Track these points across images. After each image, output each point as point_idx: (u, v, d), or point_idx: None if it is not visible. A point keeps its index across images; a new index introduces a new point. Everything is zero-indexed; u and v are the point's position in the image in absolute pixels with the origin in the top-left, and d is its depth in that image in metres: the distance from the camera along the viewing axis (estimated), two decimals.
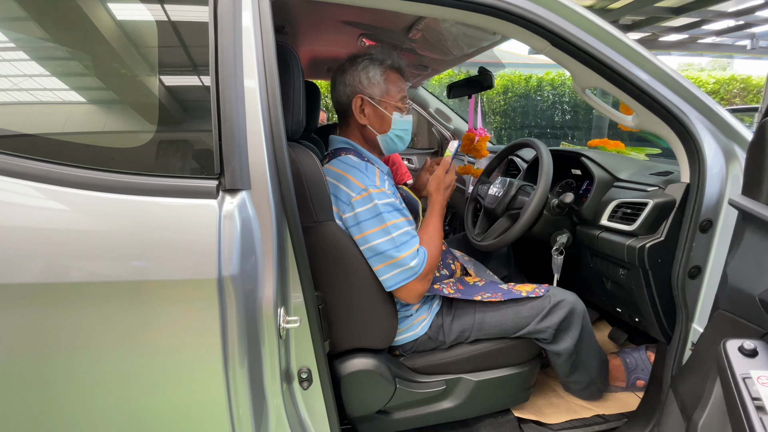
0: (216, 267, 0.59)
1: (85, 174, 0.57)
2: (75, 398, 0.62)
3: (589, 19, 0.82)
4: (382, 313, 0.96)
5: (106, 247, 0.57)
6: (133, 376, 0.62)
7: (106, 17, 0.68)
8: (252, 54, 0.68)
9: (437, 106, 2.23)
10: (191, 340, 0.61)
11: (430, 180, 1.09)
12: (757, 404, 0.55)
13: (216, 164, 0.62)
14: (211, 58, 0.64)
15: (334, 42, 1.50)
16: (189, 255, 0.59)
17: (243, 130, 0.65)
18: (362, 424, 1.04)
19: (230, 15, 0.66)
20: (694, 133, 0.86)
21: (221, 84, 0.63)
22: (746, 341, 0.62)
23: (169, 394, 0.64)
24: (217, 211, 0.61)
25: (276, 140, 0.70)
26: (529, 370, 1.09)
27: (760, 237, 0.67)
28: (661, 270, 0.95)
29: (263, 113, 0.68)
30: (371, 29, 1.32)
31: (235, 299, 0.62)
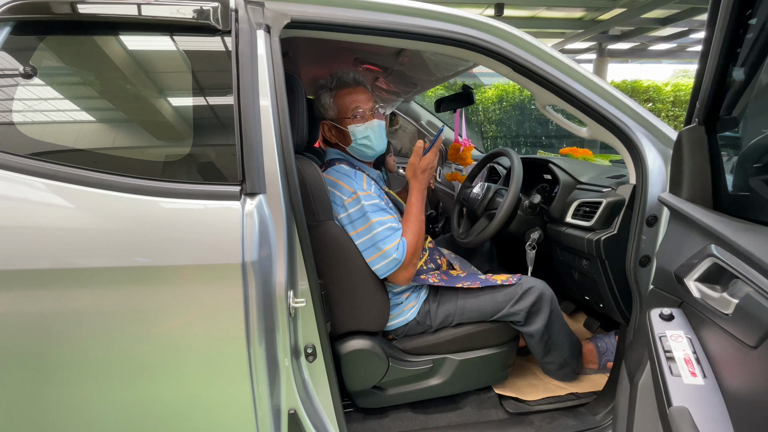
0: (240, 254, 0.75)
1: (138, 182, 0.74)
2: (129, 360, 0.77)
3: (543, 50, 0.99)
4: (376, 300, 1.12)
5: (155, 240, 0.73)
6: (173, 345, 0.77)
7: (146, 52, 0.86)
8: (265, 79, 0.85)
9: (428, 118, 2.41)
10: (220, 315, 0.77)
11: (406, 169, 1.16)
12: (668, 356, 0.70)
13: (239, 173, 0.78)
14: (234, 82, 0.80)
15: (332, 64, 1.67)
16: (219, 245, 0.75)
17: (260, 143, 0.81)
18: (360, 399, 1.19)
19: (248, 45, 0.82)
20: (636, 142, 1.02)
21: (242, 104, 0.79)
22: (665, 309, 0.78)
23: (201, 361, 0.79)
24: (241, 210, 0.77)
25: (286, 152, 0.86)
26: (507, 351, 1.23)
27: (679, 226, 0.82)
28: (615, 260, 1.10)
29: (275, 129, 0.85)
30: (364, 54, 1.49)
31: (254, 280, 0.77)
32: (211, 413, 0.85)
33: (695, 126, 0.78)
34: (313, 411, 0.96)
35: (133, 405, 0.80)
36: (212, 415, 0.85)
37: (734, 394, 0.57)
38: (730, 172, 0.79)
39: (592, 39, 8.52)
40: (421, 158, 1.12)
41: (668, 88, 9.86)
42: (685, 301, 0.74)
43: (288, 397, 0.91)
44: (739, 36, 0.68)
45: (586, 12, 7.25)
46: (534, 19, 7.29)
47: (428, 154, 1.13)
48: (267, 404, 0.84)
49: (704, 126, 0.77)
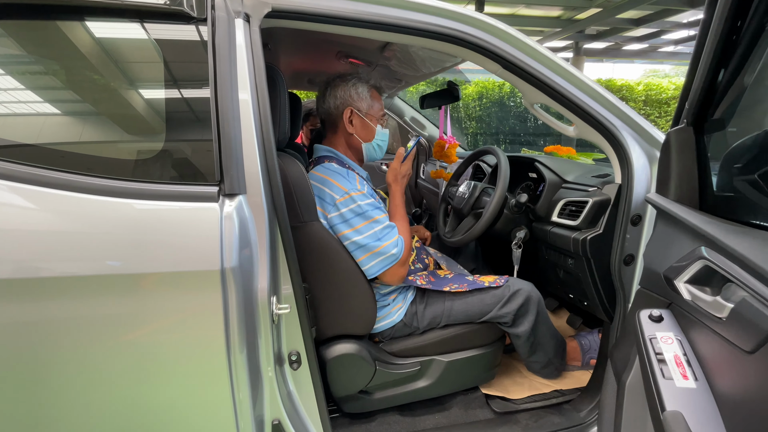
0: (219, 260, 0.70)
1: (105, 183, 0.67)
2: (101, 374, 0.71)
3: (533, 47, 0.97)
4: (362, 303, 1.08)
5: (125, 244, 0.67)
6: (145, 358, 0.72)
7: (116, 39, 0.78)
8: (245, 70, 0.79)
9: (412, 115, 2.38)
10: (199, 323, 0.72)
11: (387, 172, 1.20)
12: (659, 358, 0.70)
13: (217, 172, 0.73)
14: (210, 74, 0.73)
15: (314, 57, 1.61)
16: (196, 250, 0.69)
17: (239, 140, 0.76)
18: (346, 404, 1.15)
19: (225, 34, 0.76)
20: (622, 142, 1.02)
21: (219, 98, 0.73)
22: (654, 310, 0.78)
23: (178, 371, 0.74)
24: (219, 212, 0.71)
25: (267, 150, 0.81)
26: (494, 351, 1.23)
27: (667, 226, 0.82)
28: (601, 258, 1.10)
29: (255, 125, 0.79)
30: (348, 47, 1.44)
31: (235, 287, 0.73)
32: (190, 427, 0.80)
33: (684, 127, 0.78)
34: (299, 420, 0.93)
35: (107, 421, 0.74)
36: (192, 429, 0.80)
37: (728, 398, 0.57)
38: (715, 173, 0.79)
39: (570, 38, 8.70)
40: (402, 165, 1.18)
41: (640, 88, 10.22)
42: (674, 302, 0.75)
43: (272, 407, 0.87)
44: (731, 41, 0.68)
45: (563, 11, 7.38)
46: (513, 17, 7.36)
47: (406, 161, 1.19)
48: (249, 416, 0.80)
49: (692, 127, 0.77)
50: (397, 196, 1.18)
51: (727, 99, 0.74)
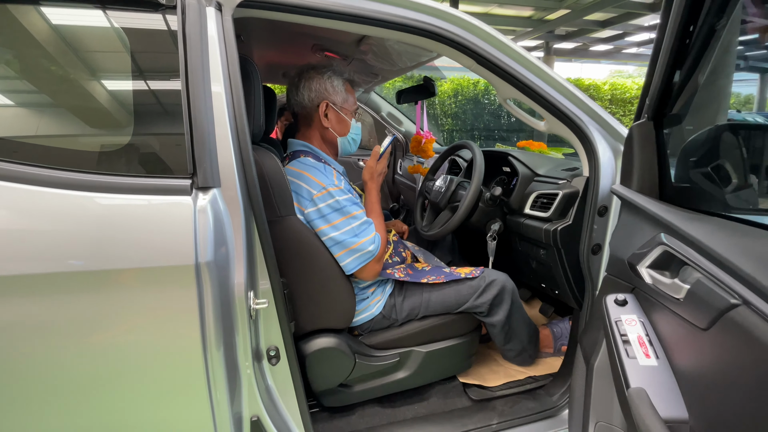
0: (193, 255, 0.68)
1: (71, 176, 0.64)
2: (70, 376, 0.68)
3: (506, 44, 0.99)
4: (341, 297, 1.08)
5: (92, 241, 0.64)
6: (118, 357, 0.69)
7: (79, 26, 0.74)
8: (217, 61, 0.77)
9: (389, 110, 2.38)
10: (174, 320, 0.70)
11: (363, 170, 1.21)
12: (624, 339, 0.74)
13: (189, 164, 0.71)
14: (181, 64, 0.71)
15: (288, 49, 1.59)
16: (169, 245, 0.67)
17: (212, 132, 0.74)
18: (326, 398, 1.15)
19: (196, 24, 0.74)
20: (589, 136, 1.06)
21: (191, 89, 0.71)
22: (619, 294, 0.82)
23: (153, 369, 0.72)
24: (192, 206, 0.70)
25: (242, 142, 0.79)
26: (470, 341, 1.26)
27: (630, 216, 0.87)
28: (570, 248, 1.15)
29: (229, 117, 0.78)
30: (324, 40, 1.43)
31: (210, 283, 0.71)
32: (166, 426, 0.78)
33: (645, 121, 0.82)
34: (278, 416, 0.92)
35: (81, 425, 0.71)
36: (168, 428, 0.78)
37: (686, 374, 0.61)
38: (673, 166, 0.85)
39: (541, 38, 8.95)
40: (378, 163, 1.20)
41: (606, 87, 10.67)
42: (637, 287, 0.79)
43: (250, 403, 0.86)
44: (685, 44, 0.72)
45: (534, 11, 7.58)
46: (487, 16, 7.49)
47: (382, 159, 1.21)
48: (227, 413, 0.79)
49: (653, 122, 0.82)
50: (372, 193, 1.19)
51: (683, 96, 0.78)
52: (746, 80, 2.24)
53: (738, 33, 0.80)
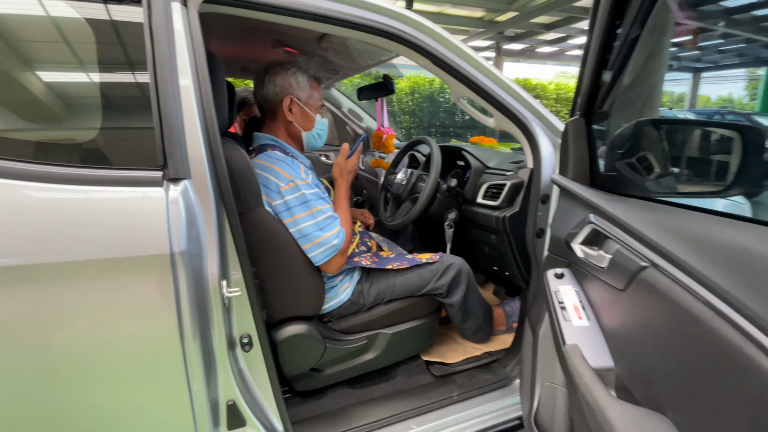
0: (167, 244, 0.70)
1: (41, 169, 0.63)
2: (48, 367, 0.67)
3: (458, 47, 1.08)
4: (310, 285, 1.13)
5: (63, 232, 0.64)
6: (99, 344, 0.69)
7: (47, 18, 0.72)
8: (184, 55, 0.78)
9: (350, 106, 2.43)
10: (150, 309, 0.71)
11: (333, 167, 1.25)
12: (561, 306, 0.86)
13: (160, 156, 0.72)
14: (149, 58, 0.72)
15: (248, 44, 1.58)
16: (143, 235, 0.69)
17: (181, 125, 0.75)
18: (298, 383, 1.20)
19: (162, 18, 0.75)
20: (532, 131, 1.19)
21: (159, 83, 0.72)
22: (558, 269, 0.94)
23: (133, 356, 0.73)
24: (164, 197, 0.71)
25: (211, 135, 0.81)
26: (431, 321, 1.35)
27: (566, 201, 1.00)
28: (518, 233, 1.28)
29: (198, 110, 0.79)
30: (284, 36, 1.45)
31: (185, 272, 0.73)
32: (145, 414, 0.79)
33: (577, 118, 0.95)
34: (252, 400, 0.95)
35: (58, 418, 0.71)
36: (147, 416, 0.79)
37: (610, 329, 0.74)
38: (601, 157, 0.98)
39: (492, 38, 9.34)
40: (347, 160, 1.23)
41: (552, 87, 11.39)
42: (572, 261, 0.92)
43: (226, 388, 0.89)
44: (610, 45, 0.84)
45: (485, 12, 7.90)
46: (441, 15, 7.70)
47: (352, 157, 1.25)
48: (204, 399, 0.81)
49: (584, 118, 0.94)
50: (341, 189, 1.23)
51: (610, 95, 0.91)
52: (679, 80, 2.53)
53: (668, 36, 0.94)
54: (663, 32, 1.93)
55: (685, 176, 0.94)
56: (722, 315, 0.45)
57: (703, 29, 1.86)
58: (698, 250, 0.52)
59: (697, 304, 0.49)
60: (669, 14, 0.93)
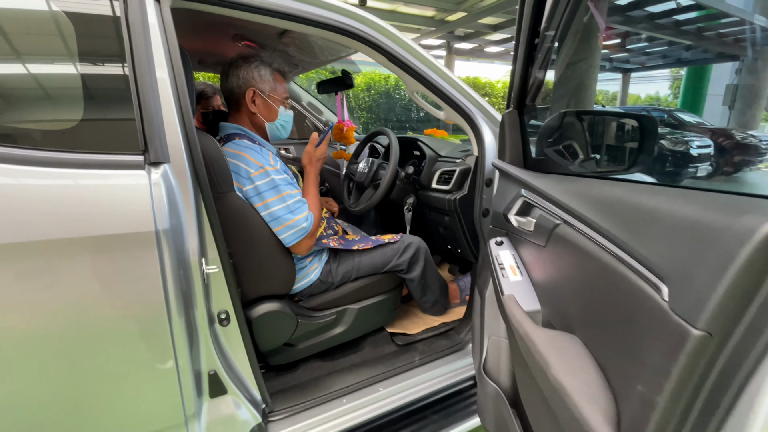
0: (152, 222, 0.76)
1: (33, 153, 0.67)
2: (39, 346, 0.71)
3: (411, 46, 1.21)
4: (281, 266, 1.21)
5: (66, 209, 0.69)
6: (91, 317, 0.74)
7: None
8: (159, 48, 0.84)
9: (309, 100, 2.49)
10: (140, 282, 0.77)
11: (303, 155, 1.34)
12: (500, 267, 1.02)
13: (141, 142, 0.78)
14: (127, 50, 0.77)
15: (208, 37, 1.61)
16: (130, 213, 0.74)
17: (159, 113, 0.81)
18: (273, 357, 1.28)
19: (138, 13, 0.80)
20: (477, 123, 1.35)
21: (138, 73, 0.78)
22: (498, 238, 1.11)
23: (124, 326, 0.78)
24: (147, 179, 0.77)
25: (187, 123, 0.88)
26: (394, 296, 1.49)
27: (504, 181, 1.17)
28: (467, 213, 1.44)
29: (174, 100, 0.85)
30: (245, 30, 1.50)
31: (168, 248, 0.80)
32: (136, 385, 0.84)
33: (511, 110, 1.11)
34: (231, 370, 1.03)
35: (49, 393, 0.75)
36: (137, 384, 0.84)
37: (537, 280, 0.91)
38: (533, 144, 1.16)
39: (443, 37, 9.67)
40: (316, 149, 1.31)
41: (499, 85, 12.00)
42: (509, 230, 1.09)
43: (207, 360, 0.96)
44: (534, 44, 1.01)
45: (436, 12, 8.18)
46: (394, 13, 7.87)
47: (321, 145, 1.32)
48: (189, 369, 0.88)
49: (517, 110, 1.11)
50: (310, 176, 1.31)
51: (537, 91, 1.09)
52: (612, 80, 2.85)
53: (597, 39, 1.12)
54: (592, 36, 2.22)
55: (598, 157, 1.15)
56: (607, 250, 0.61)
57: (629, 33, 2.17)
58: (592, 206, 0.69)
59: (590, 244, 0.65)
60: (595, 20, 1.11)
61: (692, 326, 0.35)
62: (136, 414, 0.86)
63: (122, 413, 0.84)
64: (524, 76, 1.05)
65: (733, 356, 0.34)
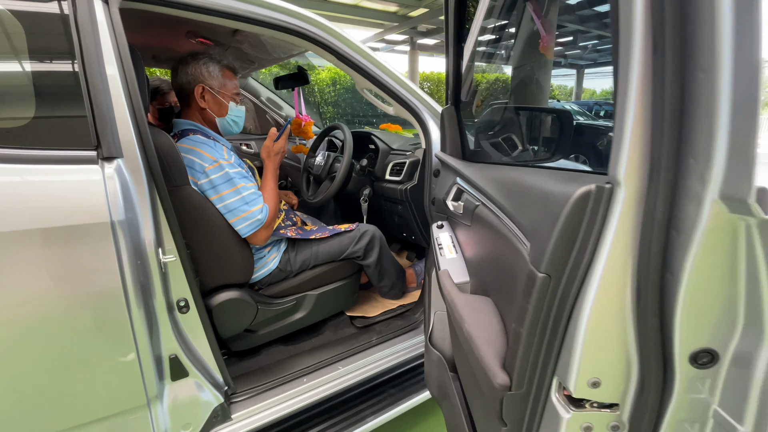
0: (108, 214, 0.81)
1: None
2: None
3: (357, 45, 1.30)
4: (239, 255, 1.27)
5: (21, 203, 0.72)
6: (51, 305, 0.78)
7: None
8: (109, 47, 0.88)
9: (269, 95, 2.52)
10: (98, 271, 0.81)
11: (261, 149, 1.39)
12: (440, 246, 1.14)
13: (93, 138, 0.82)
14: (77, 49, 0.80)
15: (162, 34, 1.62)
16: (86, 206, 0.79)
17: (111, 109, 0.85)
18: (234, 343, 1.34)
19: (86, 14, 0.83)
20: (423, 118, 1.46)
21: (88, 71, 0.81)
22: (439, 222, 1.23)
23: (84, 314, 0.82)
24: (101, 173, 0.82)
25: (139, 119, 0.92)
26: (352, 281, 1.58)
27: (446, 171, 1.28)
28: (417, 202, 1.56)
29: (125, 97, 0.89)
30: (198, 27, 1.52)
31: (124, 238, 0.84)
32: (100, 366, 0.88)
33: (449, 106, 1.23)
34: (191, 354, 1.08)
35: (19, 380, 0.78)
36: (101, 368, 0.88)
37: (467, 256, 1.03)
38: (470, 137, 1.28)
39: (406, 33, 9.78)
40: (275, 143, 1.36)
41: None
42: (448, 215, 1.21)
43: (167, 344, 1.01)
44: (461, 49, 1.13)
45: (399, 7, 8.27)
46: (357, 8, 7.89)
47: (280, 140, 1.38)
48: (149, 354, 0.93)
49: (453, 106, 1.23)
50: (269, 170, 1.37)
51: (467, 87, 1.21)
52: None
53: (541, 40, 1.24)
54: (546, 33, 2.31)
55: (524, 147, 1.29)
56: (504, 222, 0.73)
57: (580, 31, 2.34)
58: (500, 188, 0.81)
59: (496, 219, 0.77)
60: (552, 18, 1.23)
61: (538, 271, 0.46)
62: (100, 397, 0.90)
63: (86, 397, 0.88)
64: (457, 74, 1.16)
65: (564, 291, 0.45)
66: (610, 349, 0.42)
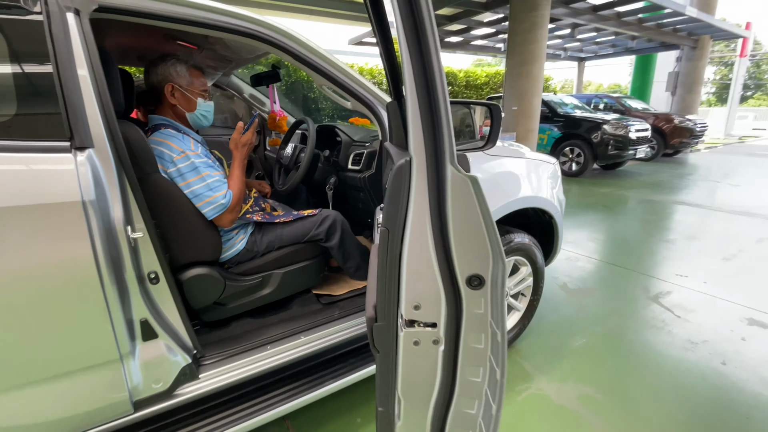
0: (79, 194, 0.97)
1: None
2: None
3: (310, 45, 1.43)
4: (207, 235, 1.43)
5: (8, 185, 0.88)
6: (29, 276, 0.94)
7: None
8: (80, 53, 1.03)
9: (251, 92, 2.66)
10: (71, 246, 0.97)
11: (229, 141, 1.54)
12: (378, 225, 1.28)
13: (67, 130, 0.97)
14: (51, 55, 0.96)
15: (142, 37, 1.77)
16: (60, 188, 0.94)
17: (82, 106, 1.00)
18: (205, 314, 1.50)
19: (59, 25, 0.98)
20: (377, 112, 1.60)
21: (61, 73, 0.96)
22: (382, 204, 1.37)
23: (60, 286, 0.98)
24: (74, 160, 0.97)
25: (108, 114, 1.07)
26: (317, 263, 1.73)
27: (389, 160, 1.42)
28: (376, 189, 1.70)
29: (95, 95, 1.04)
30: (175, 32, 1.67)
31: (95, 215, 1.00)
32: (76, 330, 1.03)
33: (391, 101, 1.36)
34: (161, 318, 1.24)
35: None
36: (78, 332, 1.04)
37: None
38: None
39: None
40: (242, 135, 1.50)
41: (461, 75, 12.30)
42: None
43: (138, 310, 1.17)
44: (390, 43, 1.25)
45: None
46: (350, 3, 7.97)
47: (247, 133, 1.52)
48: (121, 317, 1.09)
49: (396, 101, 1.36)
50: (236, 160, 1.51)
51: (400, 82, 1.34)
52: None
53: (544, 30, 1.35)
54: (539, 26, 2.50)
55: None
56: None
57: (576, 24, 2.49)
58: None
59: None
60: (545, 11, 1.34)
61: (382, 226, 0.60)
62: (78, 351, 1.06)
63: (65, 350, 1.04)
64: (392, 70, 1.30)
65: (393, 239, 0.59)
66: (424, 279, 0.55)
